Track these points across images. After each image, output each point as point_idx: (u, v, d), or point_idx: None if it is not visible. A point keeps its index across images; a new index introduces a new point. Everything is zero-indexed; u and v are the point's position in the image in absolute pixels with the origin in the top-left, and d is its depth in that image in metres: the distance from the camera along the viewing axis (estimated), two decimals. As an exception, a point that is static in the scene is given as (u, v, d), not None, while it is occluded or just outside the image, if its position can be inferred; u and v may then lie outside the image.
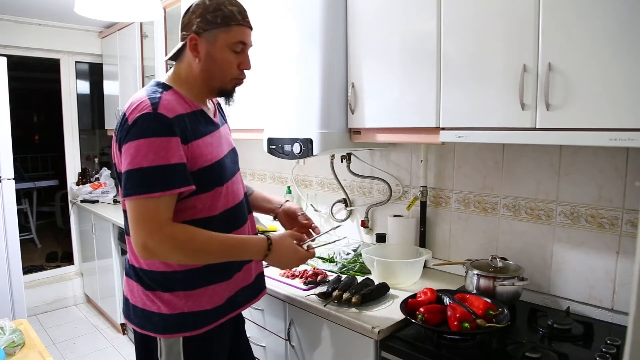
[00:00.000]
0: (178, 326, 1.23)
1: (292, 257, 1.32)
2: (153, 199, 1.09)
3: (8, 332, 1.53)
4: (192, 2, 1.24)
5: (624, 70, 1.04)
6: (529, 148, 1.60)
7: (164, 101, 1.15)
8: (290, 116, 1.84)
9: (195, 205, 1.21)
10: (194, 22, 1.20)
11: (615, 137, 1.05)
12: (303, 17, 1.75)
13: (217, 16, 1.19)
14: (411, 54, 1.50)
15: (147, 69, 3.27)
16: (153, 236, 1.09)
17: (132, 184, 1.09)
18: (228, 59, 1.23)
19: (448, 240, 1.88)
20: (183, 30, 1.23)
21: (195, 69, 1.24)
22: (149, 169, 1.08)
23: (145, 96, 1.16)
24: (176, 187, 1.12)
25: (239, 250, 1.23)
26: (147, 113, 1.11)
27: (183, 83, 1.25)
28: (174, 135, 1.11)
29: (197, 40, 1.20)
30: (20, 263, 2.89)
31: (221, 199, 1.26)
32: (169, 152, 1.10)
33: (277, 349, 1.74)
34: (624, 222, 1.39)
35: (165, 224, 1.11)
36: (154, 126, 1.10)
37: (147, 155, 1.08)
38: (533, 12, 1.18)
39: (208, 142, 1.23)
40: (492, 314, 1.30)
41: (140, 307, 1.26)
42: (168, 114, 1.13)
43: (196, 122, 1.22)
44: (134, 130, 1.10)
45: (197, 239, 1.15)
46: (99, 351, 3.11)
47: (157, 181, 1.09)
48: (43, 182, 5.47)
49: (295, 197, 2.52)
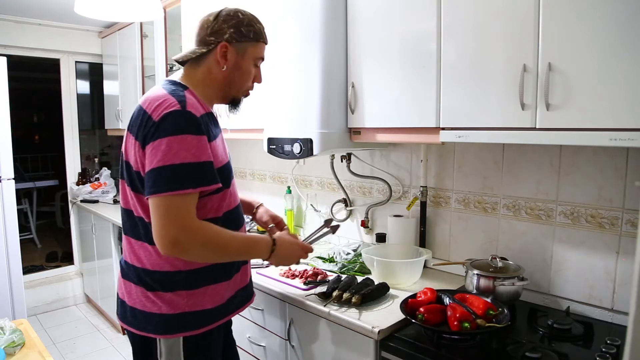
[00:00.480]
0: (179, 326, 1.23)
1: (296, 249, 1.34)
2: (185, 195, 1.10)
3: (8, 332, 1.53)
4: (221, 10, 1.27)
5: (624, 70, 1.04)
6: (529, 148, 1.60)
7: (189, 100, 1.17)
8: (290, 116, 1.84)
9: (205, 205, 1.22)
10: (227, 31, 1.24)
11: (615, 137, 1.05)
12: (303, 17, 1.75)
13: (250, 31, 1.27)
14: (411, 54, 1.50)
15: (147, 69, 3.27)
16: (185, 231, 1.10)
17: (164, 180, 1.09)
18: (250, 71, 1.31)
19: (448, 240, 1.88)
20: (211, 36, 1.25)
21: (216, 75, 1.27)
22: (181, 166, 1.09)
23: (168, 94, 1.16)
24: (206, 184, 1.14)
25: (252, 247, 1.26)
26: (176, 110, 1.12)
27: (197, 85, 1.27)
28: (202, 133, 1.14)
29: (228, 49, 1.25)
30: (20, 263, 2.89)
31: (226, 200, 1.29)
32: (200, 150, 1.12)
33: (277, 349, 1.74)
34: (624, 222, 1.39)
35: (195, 220, 1.13)
36: (185, 124, 1.11)
37: (179, 152, 1.09)
38: (533, 12, 1.18)
39: (218, 144, 1.26)
40: (492, 314, 1.30)
41: (139, 309, 1.25)
42: (196, 112, 1.15)
43: (209, 123, 1.24)
44: (163, 127, 1.10)
45: (222, 236, 1.18)
46: (99, 351, 3.11)
47: (189, 178, 1.10)
48: (43, 182, 5.48)
49: (295, 197, 2.53)
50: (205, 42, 1.26)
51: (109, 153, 4.61)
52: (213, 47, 1.25)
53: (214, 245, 1.16)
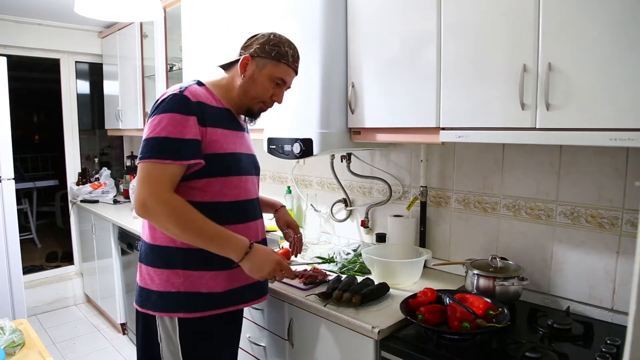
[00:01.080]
0: (174, 305, 1.31)
1: (270, 263, 1.32)
2: (163, 164, 1.22)
3: (8, 332, 1.53)
4: (269, 32, 1.41)
5: (624, 70, 1.04)
6: (529, 148, 1.60)
7: (192, 88, 1.32)
8: (290, 116, 1.84)
9: (205, 187, 1.31)
10: (254, 46, 1.38)
11: (615, 137, 1.05)
12: (303, 18, 1.75)
13: (273, 50, 1.37)
14: (411, 53, 1.50)
15: (147, 69, 3.27)
16: (153, 196, 1.20)
17: (147, 149, 1.23)
18: (265, 87, 1.40)
19: (448, 240, 1.87)
20: (242, 49, 1.40)
21: (236, 82, 1.40)
22: (165, 139, 1.22)
23: (178, 85, 1.33)
24: (185, 159, 1.24)
25: (224, 241, 1.27)
26: (173, 94, 1.28)
27: (221, 88, 1.41)
28: (192, 114, 1.26)
29: (249, 61, 1.37)
30: (20, 263, 2.89)
31: (232, 189, 1.36)
32: (186, 128, 1.24)
33: (277, 349, 1.74)
34: (624, 222, 1.39)
35: (167, 189, 1.22)
36: (177, 104, 1.25)
37: (166, 127, 1.23)
38: (533, 12, 1.18)
39: (227, 134, 1.36)
40: (492, 314, 1.30)
41: (142, 286, 1.36)
42: (191, 97, 1.28)
43: (220, 115, 1.36)
44: (160, 106, 1.27)
45: (189, 213, 1.23)
46: (99, 351, 3.11)
47: (170, 150, 1.22)
48: (43, 182, 5.47)
49: (295, 197, 2.53)
50: (238, 54, 1.41)
51: (109, 153, 4.61)
52: (241, 58, 1.39)
53: (178, 219, 1.21)
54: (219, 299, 1.35)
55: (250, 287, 1.43)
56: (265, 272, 1.31)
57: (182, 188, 1.29)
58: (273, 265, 1.32)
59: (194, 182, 1.30)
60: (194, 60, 2.55)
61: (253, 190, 1.47)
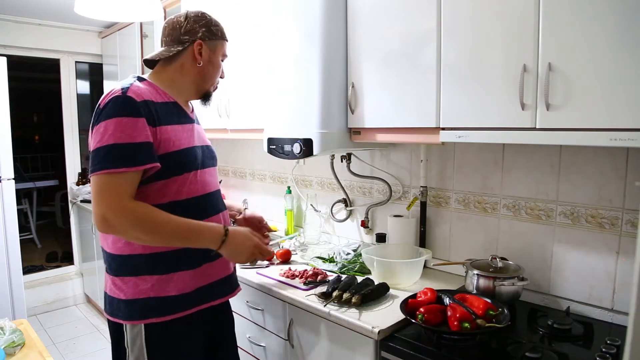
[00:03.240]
0: (142, 312, 1.26)
1: (248, 245, 1.29)
2: (117, 174, 1.15)
3: (8, 332, 1.53)
4: (187, 12, 1.37)
5: (624, 70, 1.04)
6: (529, 148, 1.60)
7: (134, 87, 1.24)
8: (290, 116, 1.84)
9: (163, 188, 1.26)
10: (199, 30, 1.35)
11: (615, 137, 1.05)
12: (303, 18, 1.75)
13: (219, 30, 1.40)
14: (411, 53, 1.50)
15: (146, 69, 3.26)
16: (113, 210, 1.14)
17: (98, 160, 1.15)
18: (219, 66, 1.43)
19: (448, 240, 1.88)
20: (185, 35, 1.35)
21: (189, 70, 1.37)
22: (115, 146, 1.15)
23: (119, 86, 1.25)
24: (141, 164, 1.18)
25: (198, 234, 1.24)
26: (116, 96, 1.20)
27: (164, 80, 1.36)
28: (140, 116, 1.19)
29: (202, 46, 1.35)
30: (20, 263, 2.89)
31: (190, 185, 1.31)
32: (136, 132, 1.17)
33: (277, 349, 1.74)
34: (624, 222, 1.39)
35: (127, 199, 1.16)
36: (122, 107, 1.18)
37: (114, 133, 1.15)
38: (533, 12, 1.18)
39: (178, 130, 1.31)
40: (492, 314, 1.30)
41: (109, 295, 1.31)
42: (136, 97, 1.21)
43: (167, 111, 1.30)
44: (104, 112, 1.19)
45: (155, 217, 1.18)
46: (99, 351, 3.11)
47: (123, 157, 1.15)
48: (43, 182, 5.47)
49: (295, 197, 2.53)
50: (180, 41, 1.35)
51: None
52: (188, 45, 1.35)
53: (145, 226, 1.17)
54: (189, 299, 1.31)
55: (219, 283, 1.39)
56: (245, 256, 1.29)
57: (141, 194, 1.22)
58: (251, 248, 1.30)
59: (151, 186, 1.24)
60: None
61: (212, 182, 1.41)
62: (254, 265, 1.30)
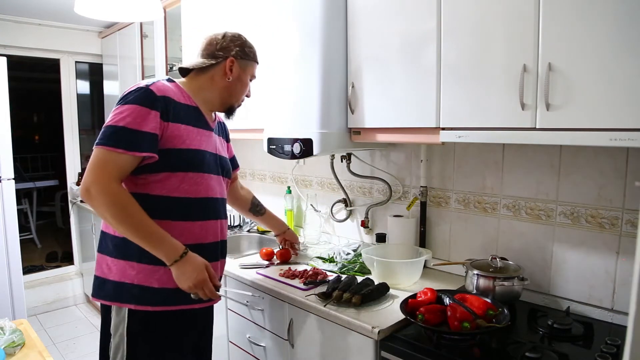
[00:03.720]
0: (126, 296, 1.31)
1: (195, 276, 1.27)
2: (115, 153, 1.22)
3: (8, 332, 1.53)
4: (226, 32, 1.48)
5: (624, 70, 1.04)
6: (529, 148, 1.60)
7: (159, 83, 1.33)
8: (290, 116, 1.84)
9: (164, 181, 1.32)
10: (234, 48, 1.45)
11: (615, 137, 1.05)
12: (303, 17, 1.75)
13: (252, 52, 1.51)
14: (411, 53, 1.50)
15: (147, 69, 3.26)
16: (98, 184, 1.20)
17: (103, 135, 1.24)
18: (247, 85, 1.52)
19: (448, 240, 1.88)
20: (219, 51, 1.44)
21: (218, 83, 1.45)
22: (122, 128, 1.23)
23: (147, 80, 1.35)
24: (139, 151, 1.24)
25: (157, 240, 1.25)
26: (139, 87, 1.30)
27: (193, 88, 1.44)
28: (154, 108, 1.27)
29: (234, 64, 1.45)
30: (20, 263, 2.89)
31: (192, 185, 1.36)
32: (145, 121, 1.25)
33: (277, 349, 1.74)
34: (624, 222, 1.39)
35: (114, 180, 1.22)
36: (141, 97, 1.27)
37: (126, 117, 1.24)
38: (533, 12, 1.18)
39: (192, 131, 1.37)
40: (492, 314, 1.30)
41: (97, 275, 1.37)
42: (156, 91, 1.29)
43: (186, 112, 1.38)
44: (124, 98, 1.29)
45: (130, 208, 1.23)
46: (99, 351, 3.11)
47: (125, 140, 1.22)
48: (43, 182, 5.47)
49: (295, 197, 2.53)
50: (214, 56, 1.44)
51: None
52: (221, 60, 1.44)
53: (118, 212, 1.21)
54: (171, 296, 1.32)
55: None
56: (187, 285, 1.27)
57: (141, 181, 1.31)
58: (197, 281, 1.27)
59: (152, 176, 1.31)
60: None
61: (217, 189, 1.45)
62: (195, 298, 1.29)
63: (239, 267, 1.92)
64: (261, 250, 2.04)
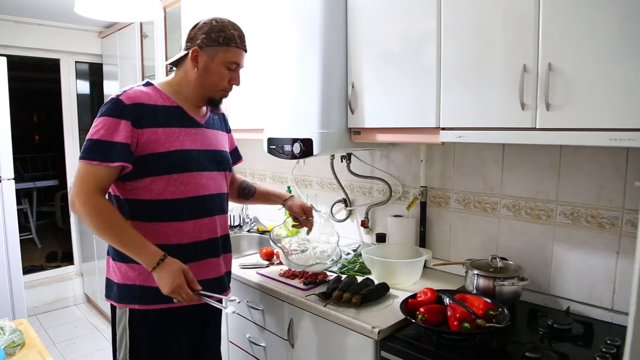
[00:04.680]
0: (128, 297, 1.36)
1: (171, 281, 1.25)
2: (92, 165, 1.27)
3: (8, 332, 1.53)
4: (200, 19, 1.41)
5: (624, 70, 1.04)
6: (529, 148, 1.59)
7: (130, 92, 1.34)
8: (290, 116, 1.84)
9: (149, 186, 1.34)
10: (199, 37, 1.38)
11: (615, 137, 1.05)
12: (303, 17, 1.75)
13: (220, 36, 1.37)
14: (411, 53, 1.50)
15: (147, 69, 3.26)
16: (80, 196, 1.26)
17: (83, 149, 1.29)
18: (221, 74, 1.40)
19: (448, 240, 1.87)
20: (188, 42, 1.40)
21: (190, 77, 1.40)
22: (96, 141, 1.27)
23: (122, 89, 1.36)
24: (112, 161, 1.27)
25: (137, 247, 1.28)
26: (111, 99, 1.32)
27: (172, 85, 1.43)
28: (124, 118, 1.29)
29: (199, 53, 1.37)
30: (20, 263, 2.89)
31: (179, 186, 1.37)
32: (116, 132, 1.28)
33: (277, 349, 1.74)
34: (624, 222, 1.39)
35: (94, 191, 1.27)
36: (110, 108, 1.30)
37: (99, 130, 1.28)
38: (533, 12, 1.18)
39: (172, 132, 1.37)
40: (492, 314, 1.30)
41: (107, 278, 1.43)
42: (126, 100, 1.31)
43: (165, 114, 1.37)
44: (100, 110, 1.32)
45: (109, 218, 1.27)
46: (99, 351, 3.11)
47: (99, 152, 1.26)
48: (43, 182, 5.47)
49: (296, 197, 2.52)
50: (184, 48, 1.41)
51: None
52: (188, 51, 1.39)
53: (97, 222, 1.26)
54: None
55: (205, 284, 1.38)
56: (166, 289, 1.26)
57: (129, 187, 1.34)
58: (172, 286, 1.26)
59: (137, 182, 1.33)
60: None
61: (211, 185, 1.44)
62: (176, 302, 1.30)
63: (239, 267, 1.92)
64: (261, 250, 2.04)
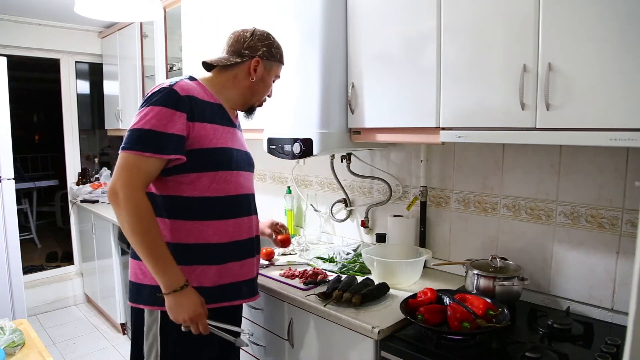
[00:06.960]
0: (161, 300, 1.27)
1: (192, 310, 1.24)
2: (143, 157, 1.21)
3: (8, 332, 1.53)
4: (255, 29, 1.44)
5: (624, 70, 1.04)
6: (529, 148, 1.59)
7: (182, 82, 1.32)
8: (290, 116, 1.84)
9: (194, 182, 1.31)
10: (260, 48, 1.42)
11: (615, 137, 1.05)
12: (303, 17, 1.75)
13: (278, 53, 1.47)
14: (411, 53, 1.50)
15: (147, 69, 3.27)
16: (125, 189, 1.20)
17: (130, 139, 1.23)
18: (269, 86, 1.49)
19: (448, 240, 1.88)
20: (246, 49, 1.41)
21: (242, 83, 1.43)
22: (149, 132, 1.22)
23: (170, 80, 1.33)
24: (166, 153, 1.23)
25: (163, 264, 1.22)
26: (163, 87, 1.29)
27: (216, 85, 1.42)
28: (179, 109, 1.26)
29: (259, 63, 1.41)
30: (20, 263, 2.89)
31: (222, 184, 1.35)
32: (170, 123, 1.24)
33: (277, 349, 1.74)
34: (624, 222, 1.39)
35: (141, 187, 1.22)
36: (165, 98, 1.26)
37: (151, 120, 1.23)
38: (533, 12, 1.18)
39: (218, 129, 1.36)
40: (492, 314, 1.30)
41: (133, 282, 1.36)
42: (181, 92, 1.28)
43: (211, 110, 1.36)
44: (149, 99, 1.27)
45: (148, 223, 1.21)
46: (99, 351, 3.11)
47: (152, 144, 1.22)
48: (43, 182, 5.47)
49: (295, 197, 2.53)
50: (240, 54, 1.41)
51: (109, 153, 4.61)
52: (246, 59, 1.41)
53: (136, 224, 1.20)
54: (208, 294, 1.32)
55: (241, 284, 1.41)
56: (184, 316, 1.24)
57: (171, 183, 1.30)
58: (193, 315, 1.24)
59: (182, 177, 1.30)
60: (194, 60, 2.55)
61: (247, 185, 1.46)
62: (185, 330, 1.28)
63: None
64: (261, 250, 2.03)
